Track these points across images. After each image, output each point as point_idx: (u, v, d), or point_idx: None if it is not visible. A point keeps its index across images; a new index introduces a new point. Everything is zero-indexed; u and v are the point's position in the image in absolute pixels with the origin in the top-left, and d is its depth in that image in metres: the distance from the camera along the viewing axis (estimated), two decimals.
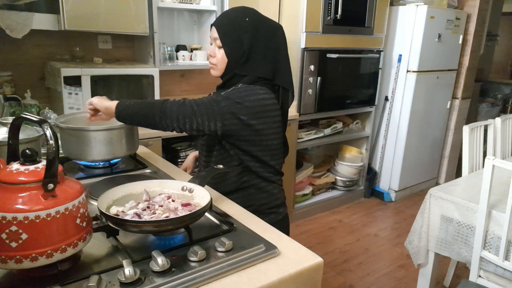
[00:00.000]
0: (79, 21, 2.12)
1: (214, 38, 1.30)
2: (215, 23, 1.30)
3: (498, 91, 5.53)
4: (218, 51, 1.30)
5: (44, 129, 0.70)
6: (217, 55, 1.30)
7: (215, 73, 1.36)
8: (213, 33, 1.30)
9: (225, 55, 1.28)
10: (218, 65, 1.32)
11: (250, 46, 1.26)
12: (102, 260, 0.84)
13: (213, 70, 1.36)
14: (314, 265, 0.87)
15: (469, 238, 1.79)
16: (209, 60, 1.36)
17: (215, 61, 1.32)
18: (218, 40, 1.28)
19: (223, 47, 1.28)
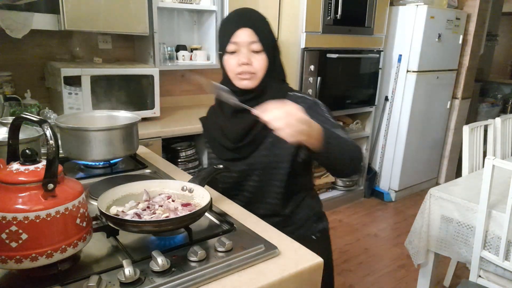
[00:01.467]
0: (79, 21, 2.12)
1: (249, 42, 1.12)
2: (249, 24, 1.13)
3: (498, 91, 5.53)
4: (256, 57, 1.13)
5: (44, 129, 0.70)
6: (255, 62, 1.13)
7: (251, 84, 1.16)
8: (246, 37, 1.12)
9: (266, 61, 1.14)
10: (258, 73, 1.15)
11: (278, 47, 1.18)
12: (102, 260, 0.84)
13: (249, 81, 1.15)
14: (314, 265, 0.87)
15: (469, 238, 1.79)
16: (241, 70, 1.14)
17: (253, 70, 1.14)
18: (256, 44, 1.12)
19: (265, 51, 1.13)
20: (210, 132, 1.31)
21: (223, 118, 1.25)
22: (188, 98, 3.04)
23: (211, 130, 1.31)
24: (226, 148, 1.24)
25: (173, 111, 2.76)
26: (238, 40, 1.13)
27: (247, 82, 1.15)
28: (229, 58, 1.16)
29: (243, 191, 1.27)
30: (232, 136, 1.21)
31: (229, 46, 1.14)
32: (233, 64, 1.15)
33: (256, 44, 1.12)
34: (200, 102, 3.09)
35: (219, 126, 1.25)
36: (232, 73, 1.16)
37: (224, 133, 1.23)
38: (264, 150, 1.19)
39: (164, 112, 2.57)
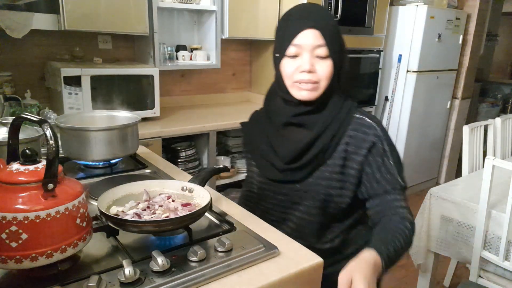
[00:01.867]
0: (79, 21, 2.12)
1: (314, 46, 0.96)
2: (316, 24, 0.96)
3: (498, 91, 5.53)
4: (320, 63, 0.97)
5: (44, 129, 0.70)
6: (320, 69, 0.97)
7: (311, 96, 0.99)
8: (311, 40, 0.96)
9: (332, 68, 0.98)
10: (322, 82, 0.98)
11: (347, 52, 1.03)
12: (102, 260, 0.84)
13: (309, 92, 0.99)
14: (314, 265, 0.87)
15: (469, 238, 1.79)
16: (301, 78, 0.98)
17: (316, 78, 0.98)
18: (322, 48, 0.96)
19: (332, 57, 0.97)
20: (254, 144, 1.15)
21: (273, 130, 1.08)
22: (188, 98, 3.04)
23: (256, 141, 1.13)
24: (275, 167, 1.06)
25: (173, 111, 2.76)
26: (301, 43, 0.96)
27: (307, 93, 0.99)
28: (287, 63, 0.99)
29: (287, 220, 1.10)
30: (285, 154, 1.04)
31: (289, 49, 0.98)
32: (292, 70, 0.99)
33: (322, 48, 0.96)
34: (200, 102, 3.09)
35: (268, 139, 1.08)
36: (289, 80, 1.00)
37: (274, 149, 1.06)
38: (328, 173, 1.02)
39: (164, 112, 2.57)
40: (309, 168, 1.02)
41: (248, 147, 1.19)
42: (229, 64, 3.19)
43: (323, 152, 1.01)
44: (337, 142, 1.01)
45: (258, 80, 3.25)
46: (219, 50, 2.75)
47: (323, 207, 1.04)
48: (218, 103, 3.16)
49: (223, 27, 2.71)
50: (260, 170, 1.12)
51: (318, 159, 1.02)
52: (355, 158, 1.00)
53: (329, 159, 1.01)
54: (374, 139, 1.00)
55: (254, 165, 1.14)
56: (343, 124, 1.02)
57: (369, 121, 1.02)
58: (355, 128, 1.01)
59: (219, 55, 2.76)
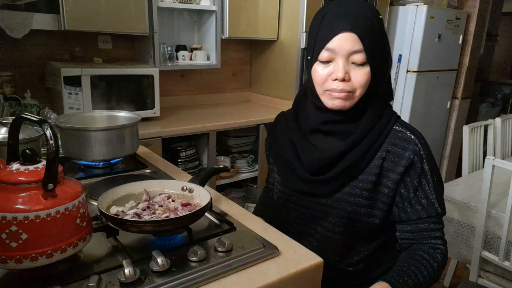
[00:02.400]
0: (79, 21, 2.12)
1: (350, 52, 0.86)
2: (353, 27, 0.85)
3: (498, 91, 5.53)
4: (356, 70, 0.87)
5: (44, 129, 0.70)
6: (356, 77, 0.87)
7: (346, 105, 0.90)
8: (347, 44, 0.85)
9: (369, 75, 0.88)
10: (357, 91, 0.89)
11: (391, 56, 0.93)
12: (102, 260, 0.84)
13: (342, 101, 0.89)
14: (314, 265, 0.87)
15: (469, 238, 1.79)
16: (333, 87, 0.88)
17: (350, 87, 0.88)
18: (360, 54, 0.85)
19: (369, 63, 0.87)
20: (277, 149, 1.05)
21: (300, 136, 0.98)
22: (188, 98, 3.04)
23: (280, 146, 1.04)
24: (299, 177, 0.97)
25: (173, 111, 2.76)
26: (335, 48, 0.86)
27: (339, 101, 0.89)
28: (319, 69, 0.90)
29: (308, 235, 1.02)
30: (310, 164, 0.94)
31: (322, 53, 0.88)
32: (324, 78, 0.89)
33: (359, 54, 0.86)
34: (200, 102, 3.09)
35: (293, 145, 0.99)
36: (320, 88, 0.91)
37: (299, 157, 0.97)
38: (358, 190, 0.93)
39: (164, 112, 2.57)
40: (338, 183, 0.93)
41: (271, 151, 1.09)
42: (229, 64, 3.19)
43: (355, 166, 0.91)
44: (372, 156, 0.92)
45: (258, 80, 3.25)
46: (219, 50, 2.75)
47: (349, 225, 0.96)
48: (218, 103, 3.16)
49: (223, 27, 2.71)
50: (283, 179, 1.02)
51: (349, 173, 0.92)
52: (390, 175, 0.91)
53: (361, 174, 0.92)
54: (413, 156, 0.90)
55: (276, 172, 1.05)
56: (380, 136, 0.92)
57: (409, 135, 0.94)
58: (393, 142, 0.92)
59: (219, 55, 2.76)
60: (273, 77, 3.05)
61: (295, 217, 1.03)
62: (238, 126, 2.61)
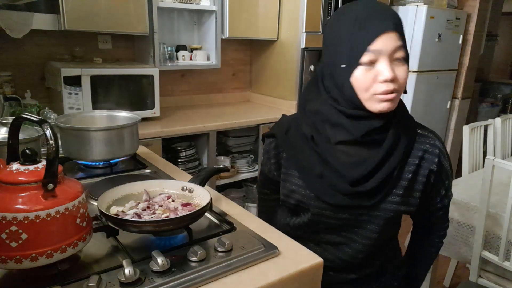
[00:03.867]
0: (79, 21, 2.12)
1: (394, 48, 0.83)
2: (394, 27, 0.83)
3: (498, 91, 5.53)
4: (399, 68, 0.84)
5: (44, 129, 0.70)
6: (401, 75, 0.84)
7: (393, 106, 0.86)
8: (392, 43, 0.82)
9: (408, 72, 0.87)
10: (401, 90, 0.87)
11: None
12: (102, 260, 0.84)
13: (390, 103, 0.85)
14: (314, 265, 0.87)
15: (469, 238, 1.79)
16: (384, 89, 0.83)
17: (398, 86, 0.85)
18: (401, 51, 0.83)
19: (407, 59, 0.86)
20: (297, 159, 0.97)
21: (326, 145, 0.92)
22: (188, 98, 3.04)
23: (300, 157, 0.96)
24: (339, 191, 0.91)
25: (173, 111, 2.76)
26: (381, 48, 0.82)
27: (387, 104, 0.84)
28: (362, 73, 0.83)
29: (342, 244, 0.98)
30: (351, 175, 0.89)
31: (364, 56, 0.82)
32: (370, 81, 0.83)
33: (401, 51, 0.83)
34: (200, 102, 3.09)
35: (320, 156, 0.93)
36: (366, 93, 0.84)
37: (333, 168, 0.91)
38: (395, 196, 0.91)
39: (164, 112, 2.57)
40: (383, 193, 0.91)
41: (290, 161, 0.99)
42: (229, 64, 3.19)
43: (394, 172, 0.90)
44: (405, 161, 0.92)
45: (258, 80, 3.25)
46: (219, 50, 2.76)
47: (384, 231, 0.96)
48: (218, 103, 3.16)
49: (223, 27, 2.71)
50: (316, 193, 0.94)
51: (390, 180, 0.90)
52: (421, 179, 0.94)
53: (399, 180, 0.92)
54: (438, 158, 0.93)
55: (301, 186, 0.97)
56: (411, 140, 0.92)
57: (433, 137, 0.95)
58: (421, 147, 0.93)
59: (219, 55, 2.77)
60: (273, 77, 3.05)
61: (327, 228, 0.98)
62: (238, 126, 2.61)
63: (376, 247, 0.98)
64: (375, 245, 0.97)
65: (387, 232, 0.98)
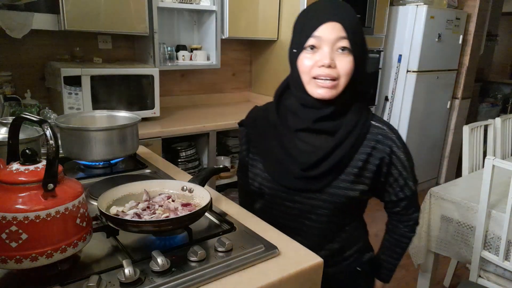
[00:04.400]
0: (79, 21, 2.12)
1: (335, 38, 0.90)
2: (338, 18, 0.90)
3: (498, 91, 5.53)
4: (341, 58, 0.91)
5: (44, 129, 0.70)
6: (341, 63, 0.91)
7: (332, 94, 0.93)
8: (333, 32, 0.90)
9: (353, 64, 0.92)
10: (342, 79, 0.92)
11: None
12: (102, 260, 0.84)
13: (327, 90, 0.92)
14: (314, 265, 0.87)
15: (469, 238, 1.79)
16: (319, 72, 0.91)
17: (335, 73, 0.91)
18: (344, 41, 0.90)
19: (353, 51, 0.91)
20: (261, 145, 1.07)
21: (288, 133, 1.01)
22: (188, 98, 3.04)
23: (264, 144, 1.06)
24: (292, 174, 0.99)
25: (173, 111, 2.76)
26: (322, 35, 0.90)
27: (324, 90, 0.92)
28: (305, 57, 0.93)
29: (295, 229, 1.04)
30: (303, 160, 0.97)
31: (309, 41, 0.92)
32: (311, 65, 0.92)
33: (343, 41, 0.90)
34: (200, 102, 3.09)
35: (280, 142, 1.01)
36: (307, 76, 0.94)
37: (289, 154, 0.99)
38: (343, 182, 0.98)
39: (164, 112, 2.57)
40: (329, 177, 0.98)
41: (253, 147, 1.10)
42: (229, 64, 3.19)
43: (344, 160, 0.97)
44: (356, 150, 0.98)
45: (258, 80, 3.25)
46: (219, 50, 2.75)
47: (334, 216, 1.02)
48: (218, 103, 3.16)
49: (223, 27, 2.71)
50: (272, 176, 1.03)
51: (339, 167, 0.97)
52: (371, 168, 0.99)
53: (348, 167, 0.98)
54: (391, 149, 0.98)
55: (261, 169, 1.06)
56: (362, 131, 0.98)
57: (387, 130, 1.00)
58: (375, 138, 0.99)
59: (219, 55, 2.77)
60: (273, 77, 3.05)
61: (282, 212, 1.05)
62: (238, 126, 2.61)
63: (330, 231, 1.05)
64: (329, 229, 1.04)
65: (340, 218, 1.04)
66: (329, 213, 1.01)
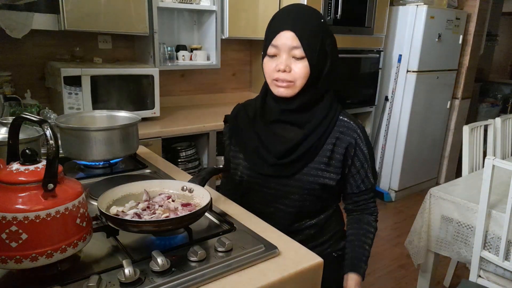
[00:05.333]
0: (79, 21, 2.13)
1: (290, 47, 1.02)
2: (292, 27, 1.01)
3: (498, 91, 5.54)
4: (296, 63, 1.03)
5: (44, 129, 0.70)
6: (296, 69, 1.03)
7: (289, 93, 1.06)
8: (287, 41, 1.02)
9: (308, 68, 1.03)
10: (297, 81, 1.04)
11: (332, 53, 1.07)
12: (102, 260, 0.84)
13: (285, 89, 1.05)
14: (314, 265, 0.87)
15: (469, 238, 1.79)
16: (278, 76, 1.04)
17: (290, 77, 1.04)
18: (299, 50, 1.01)
19: (307, 58, 1.02)
20: (243, 138, 1.18)
21: (263, 126, 1.13)
22: (188, 98, 3.04)
23: (243, 136, 1.17)
24: (267, 162, 1.10)
25: (173, 111, 2.76)
26: (278, 44, 1.03)
27: (283, 90, 1.05)
28: (268, 62, 1.07)
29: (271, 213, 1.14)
30: (276, 151, 1.09)
31: (270, 49, 1.05)
32: (271, 69, 1.06)
33: (297, 50, 1.01)
34: (200, 102, 3.09)
35: (257, 134, 1.13)
36: (269, 78, 1.08)
37: (264, 144, 1.11)
38: (314, 170, 1.09)
39: (164, 112, 2.57)
40: (299, 165, 1.09)
41: (234, 140, 1.21)
42: (229, 64, 3.19)
43: (312, 150, 1.08)
44: (324, 141, 1.10)
45: (258, 80, 3.25)
46: (219, 50, 2.76)
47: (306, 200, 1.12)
48: (218, 103, 3.16)
49: (223, 27, 2.71)
50: (250, 164, 1.15)
51: (308, 156, 1.09)
52: (337, 157, 1.10)
53: (317, 156, 1.09)
54: (355, 141, 1.10)
55: (242, 158, 1.17)
56: (330, 124, 1.10)
57: (353, 124, 1.12)
58: (340, 130, 1.11)
59: (219, 55, 2.77)
60: None
61: (260, 197, 1.16)
62: None
63: (302, 216, 1.15)
64: (301, 213, 1.14)
65: (312, 204, 1.13)
66: (300, 198, 1.11)
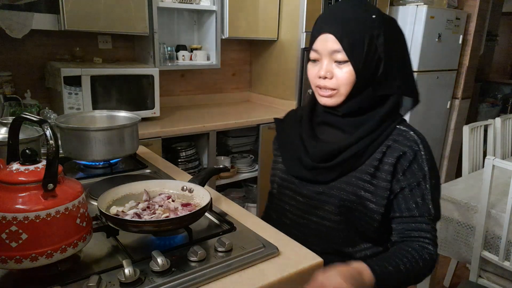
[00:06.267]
0: (79, 21, 2.12)
1: (331, 51, 0.93)
2: (331, 28, 0.92)
3: (498, 91, 5.54)
4: (339, 68, 0.94)
5: (44, 129, 0.70)
6: (339, 75, 0.94)
7: (333, 102, 0.96)
8: (327, 44, 0.93)
9: (353, 73, 0.93)
10: (341, 88, 0.94)
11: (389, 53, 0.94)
12: (102, 260, 0.84)
13: (328, 99, 0.97)
14: (314, 265, 0.87)
15: (469, 238, 1.79)
16: (319, 83, 0.97)
17: (334, 85, 0.94)
18: (341, 53, 0.92)
19: (351, 61, 0.92)
20: (285, 140, 1.12)
21: (308, 128, 1.06)
22: (188, 98, 3.04)
23: (287, 137, 1.11)
24: (303, 165, 1.02)
25: (173, 111, 2.76)
26: (318, 48, 0.95)
27: (326, 99, 0.97)
28: (311, 67, 1.00)
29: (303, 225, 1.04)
30: (316, 153, 1.00)
31: (311, 54, 0.98)
32: (313, 75, 0.99)
33: (339, 53, 0.92)
34: (200, 102, 3.09)
35: (299, 136, 1.06)
36: (313, 85, 1.00)
37: (305, 146, 1.03)
38: (355, 179, 0.97)
39: (164, 112, 2.57)
40: (339, 171, 0.97)
41: (278, 142, 1.14)
42: (229, 64, 3.19)
43: (357, 157, 0.96)
44: (373, 149, 0.96)
45: (258, 80, 3.25)
46: (219, 50, 2.75)
47: (344, 214, 0.97)
48: (218, 103, 3.16)
49: (223, 27, 2.71)
50: (286, 166, 1.08)
51: (350, 163, 0.97)
52: (387, 168, 0.94)
53: (362, 165, 0.96)
54: (415, 154, 0.94)
55: (281, 161, 1.11)
56: (384, 132, 0.97)
57: (412, 134, 0.97)
58: (395, 139, 0.96)
59: (219, 55, 2.77)
60: (273, 77, 3.05)
61: (291, 206, 1.07)
62: (238, 126, 2.61)
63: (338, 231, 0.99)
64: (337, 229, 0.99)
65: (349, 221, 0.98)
66: (338, 211, 0.97)
